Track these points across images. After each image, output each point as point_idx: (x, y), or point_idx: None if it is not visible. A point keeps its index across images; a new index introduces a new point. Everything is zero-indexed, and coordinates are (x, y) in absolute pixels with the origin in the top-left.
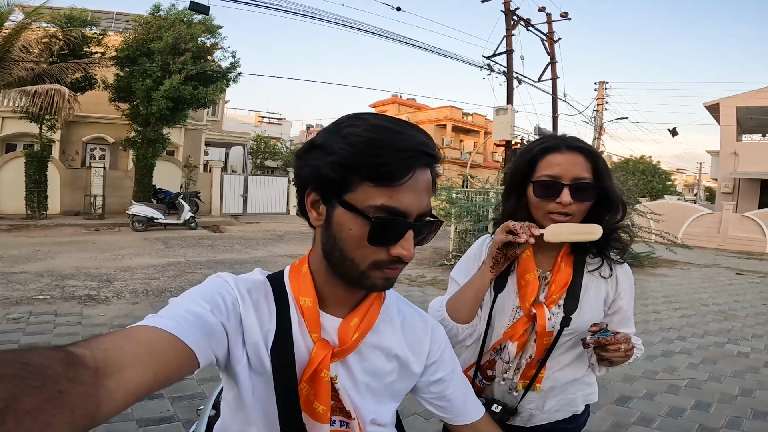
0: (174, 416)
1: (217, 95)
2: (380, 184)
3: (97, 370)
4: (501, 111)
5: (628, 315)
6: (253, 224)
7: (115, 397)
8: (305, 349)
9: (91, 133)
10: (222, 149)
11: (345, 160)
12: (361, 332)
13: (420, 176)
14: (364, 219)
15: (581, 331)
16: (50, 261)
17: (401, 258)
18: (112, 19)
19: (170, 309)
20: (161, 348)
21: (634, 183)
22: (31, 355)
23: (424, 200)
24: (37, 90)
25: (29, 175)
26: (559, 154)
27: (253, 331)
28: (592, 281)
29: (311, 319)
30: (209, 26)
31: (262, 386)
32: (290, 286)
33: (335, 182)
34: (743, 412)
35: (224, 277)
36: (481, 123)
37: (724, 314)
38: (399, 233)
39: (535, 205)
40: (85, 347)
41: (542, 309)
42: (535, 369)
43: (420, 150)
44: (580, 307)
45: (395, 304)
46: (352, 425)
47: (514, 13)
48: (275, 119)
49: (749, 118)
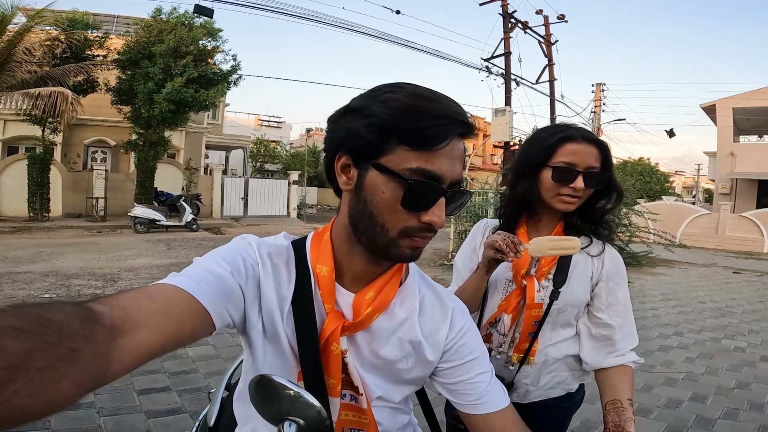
0: (182, 408)
1: (218, 98)
2: (417, 148)
3: (112, 328)
4: (499, 113)
5: (623, 305)
6: (253, 227)
7: (125, 357)
8: (319, 319)
9: (92, 136)
10: (222, 152)
11: (384, 122)
12: (374, 307)
13: (455, 144)
14: (399, 181)
15: (570, 305)
16: (54, 261)
17: (432, 225)
18: (114, 23)
19: (192, 268)
20: (178, 308)
21: (632, 184)
22: (51, 310)
23: (457, 169)
24: (40, 93)
25: (31, 178)
26: (576, 144)
27: (270, 297)
28: (581, 259)
29: (326, 288)
30: (210, 29)
31: (274, 353)
32: (310, 252)
33: (371, 144)
34: (740, 404)
35: (248, 239)
36: (479, 125)
37: (721, 311)
38: (432, 199)
39: (548, 187)
40: (104, 303)
41: (532, 281)
42: (527, 342)
43: (457, 119)
44: (568, 282)
45: (416, 284)
46: (360, 400)
47: (511, 15)
48: (275, 122)
49: (746, 119)
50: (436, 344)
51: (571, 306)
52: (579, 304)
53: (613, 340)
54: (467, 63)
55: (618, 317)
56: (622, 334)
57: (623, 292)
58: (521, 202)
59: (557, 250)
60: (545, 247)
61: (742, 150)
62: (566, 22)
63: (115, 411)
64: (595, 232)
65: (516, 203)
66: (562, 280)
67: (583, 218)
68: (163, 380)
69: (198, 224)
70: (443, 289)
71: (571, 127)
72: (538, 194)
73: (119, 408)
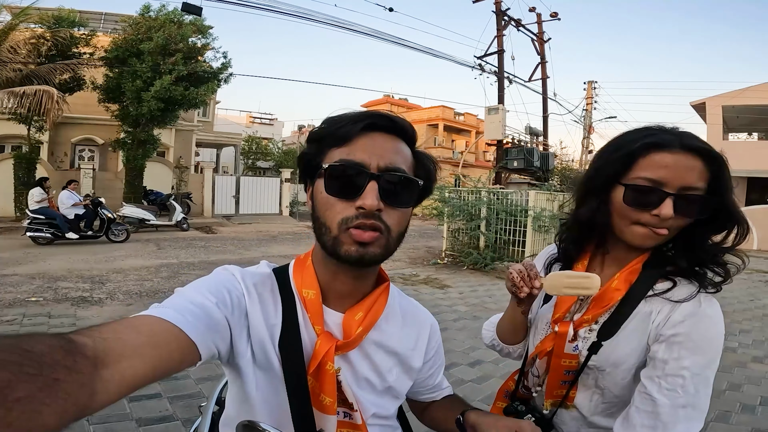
0: (173, 415)
1: (209, 96)
2: (338, 144)
3: (95, 359)
4: (492, 111)
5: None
6: (245, 225)
7: (110, 388)
8: (309, 342)
9: (79, 135)
10: (213, 150)
11: (317, 135)
12: (365, 327)
13: (377, 137)
14: (323, 173)
15: (611, 365)
16: (41, 263)
17: (363, 207)
18: (101, 20)
19: (175, 299)
20: (163, 340)
21: None
22: (31, 341)
23: (387, 157)
24: (25, 91)
25: (18, 177)
26: (668, 154)
27: (258, 327)
28: (645, 309)
29: (314, 311)
30: (200, 27)
31: (266, 381)
32: (294, 279)
33: (313, 158)
34: (731, 407)
35: (231, 270)
36: (472, 122)
37: None
38: (359, 183)
39: (620, 211)
40: (86, 335)
41: (566, 328)
42: (563, 390)
43: (370, 114)
44: (617, 335)
45: (396, 301)
46: (354, 416)
47: (505, 13)
48: (267, 120)
49: (735, 117)
50: (419, 351)
51: (611, 366)
52: (624, 368)
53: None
54: (460, 61)
55: (671, 393)
56: (669, 418)
57: (695, 365)
58: (586, 227)
59: (573, 289)
60: (560, 284)
61: (731, 148)
62: (559, 19)
63: (105, 419)
64: (696, 275)
65: (579, 228)
66: (610, 332)
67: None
68: (154, 387)
69: (189, 223)
70: (421, 307)
71: (666, 131)
72: (608, 219)
73: (109, 415)
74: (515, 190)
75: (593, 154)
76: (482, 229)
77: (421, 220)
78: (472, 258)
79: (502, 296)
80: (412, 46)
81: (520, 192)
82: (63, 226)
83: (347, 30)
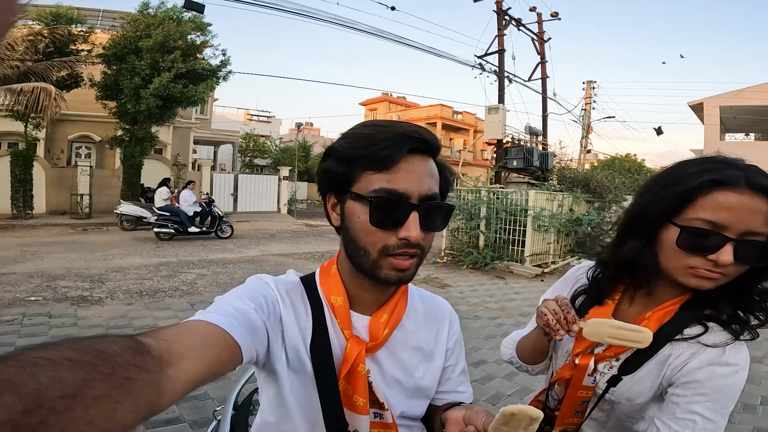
0: (180, 417)
1: (207, 94)
2: (377, 169)
3: (161, 359)
4: (492, 110)
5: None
6: (244, 223)
7: (176, 386)
8: (339, 346)
9: (77, 132)
10: (211, 147)
11: (345, 154)
12: (390, 327)
13: (416, 161)
14: (366, 202)
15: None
16: (39, 261)
17: (408, 240)
18: (99, 17)
19: (218, 306)
20: (215, 342)
21: (621, 181)
22: (104, 342)
23: (425, 184)
24: (23, 88)
25: (14, 175)
26: (733, 194)
27: (292, 331)
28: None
29: (343, 316)
30: (199, 24)
31: (299, 383)
32: (321, 286)
33: (342, 177)
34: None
35: (264, 278)
36: (471, 121)
37: None
38: (401, 215)
39: (671, 255)
40: (150, 336)
41: (587, 360)
42: (577, 419)
43: (408, 135)
44: (639, 372)
45: (417, 298)
46: (385, 416)
47: (506, 13)
48: (264, 117)
49: (732, 118)
50: (440, 343)
51: (627, 400)
52: (639, 404)
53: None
54: (461, 60)
55: None
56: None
57: (707, 413)
58: (626, 266)
59: (618, 340)
60: (604, 333)
61: (728, 148)
62: (559, 19)
63: None
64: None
65: (616, 268)
66: (632, 368)
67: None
68: None
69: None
70: (438, 298)
71: (731, 165)
72: (655, 261)
73: None
74: (515, 189)
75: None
76: (482, 228)
77: None
78: (472, 257)
79: (503, 296)
80: (412, 45)
81: (519, 191)
82: (186, 221)
83: (348, 28)
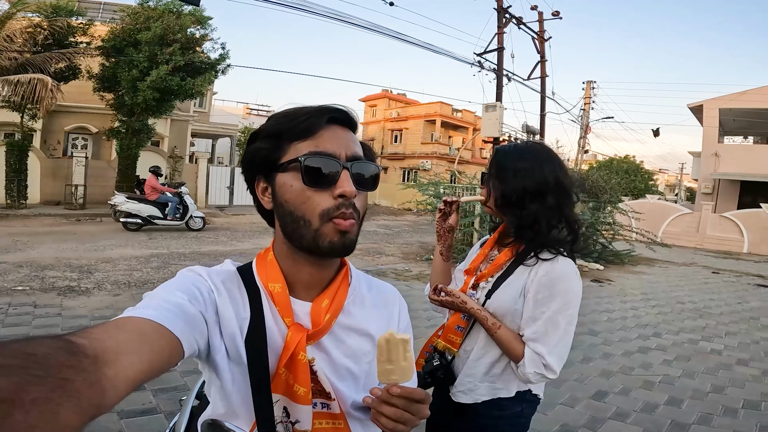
0: (156, 408)
1: (205, 87)
2: (303, 137)
3: (96, 359)
4: (490, 108)
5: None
6: (239, 216)
7: (117, 384)
8: (279, 335)
9: (73, 123)
10: (209, 141)
11: (271, 131)
12: (332, 313)
13: (338, 130)
14: (296, 167)
15: (498, 309)
16: (29, 251)
17: (344, 195)
18: (100, 9)
19: (148, 302)
20: (151, 337)
21: (618, 182)
22: (33, 345)
23: (350, 147)
24: (20, 79)
25: (9, 164)
26: None
27: (229, 321)
28: (524, 272)
29: (282, 303)
30: (199, 17)
31: (240, 375)
32: (258, 274)
33: (270, 153)
34: (714, 409)
35: (197, 270)
36: (470, 119)
37: (699, 312)
38: (334, 172)
39: None
40: (81, 336)
41: (470, 277)
42: (459, 336)
43: (327, 107)
44: (502, 287)
45: (363, 284)
46: (332, 406)
47: (506, 11)
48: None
49: (731, 120)
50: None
51: (500, 312)
52: (506, 312)
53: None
54: (460, 57)
55: (535, 335)
56: (529, 351)
57: (552, 309)
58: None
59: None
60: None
61: (726, 150)
62: (560, 18)
63: None
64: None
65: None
66: (498, 285)
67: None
68: None
69: None
70: (386, 285)
71: None
72: None
73: None
74: None
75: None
76: (476, 226)
77: (415, 216)
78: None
79: None
80: (411, 41)
81: None
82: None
83: (347, 23)
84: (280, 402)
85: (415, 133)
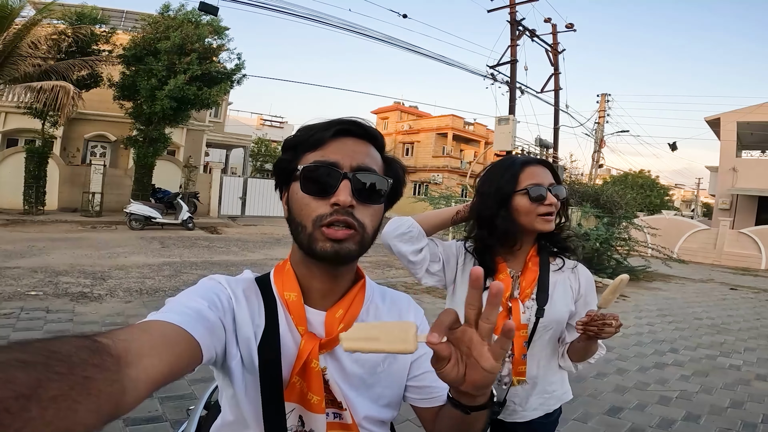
0: (162, 416)
1: (221, 96)
2: (312, 149)
3: (119, 359)
4: (503, 121)
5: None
6: (250, 227)
7: (138, 385)
8: (293, 343)
9: (93, 131)
10: (223, 151)
11: (290, 143)
12: (346, 323)
13: (348, 141)
14: (299, 174)
15: (555, 322)
16: (45, 257)
17: (338, 204)
18: (122, 18)
19: (171, 306)
20: (173, 340)
21: (633, 197)
22: (58, 343)
23: (358, 158)
24: (43, 86)
25: (29, 171)
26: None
27: (245, 328)
28: (560, 278)
29: (297, 312)
30: (216, 27)
31: (252, 384)
32: (275, 283)
33: (288, 163)
34: (733, 424)
35: (216, 278)
36: (482, 133)
37: (717, 328)
38: (333, 181)
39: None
40: (105, 337)
41: (517, 303)
42: (523, 365)
43: (339, 120)
44: (551, 299)
45: (378, 295)
46: (344, 416)
47: (519, 23)
48: (277, 122)
49: (749, 134)
50: None
51: (555, 322)
52: (562, 320)
53: None
54: (473, 70)
55: None
56: None
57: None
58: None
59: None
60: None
61: (744, 165)
62: (574, 30)
63: None
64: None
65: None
66: (545, 299)
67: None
68: None
69: (194, 223)
70: (399, 294)
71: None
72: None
73: None
74: None
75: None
76: None
77: None
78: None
79: None
80: (424, 53)
81: None
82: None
83: (360, 35)
84: (296, 411)
85: (426, 146)
